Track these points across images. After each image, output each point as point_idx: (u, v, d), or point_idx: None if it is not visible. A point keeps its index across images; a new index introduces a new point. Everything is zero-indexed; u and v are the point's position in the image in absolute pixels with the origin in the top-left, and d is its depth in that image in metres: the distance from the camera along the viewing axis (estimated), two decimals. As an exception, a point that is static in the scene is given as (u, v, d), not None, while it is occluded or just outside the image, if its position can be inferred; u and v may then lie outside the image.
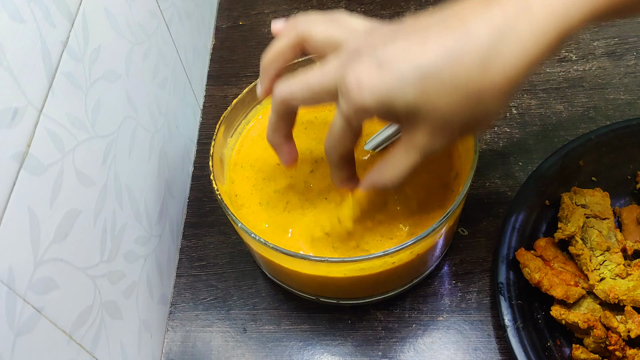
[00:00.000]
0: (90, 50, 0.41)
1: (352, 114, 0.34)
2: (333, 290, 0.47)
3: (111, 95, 0.44)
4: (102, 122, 0.42)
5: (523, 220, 0.49)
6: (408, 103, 0.32)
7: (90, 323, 0.39)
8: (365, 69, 0.32)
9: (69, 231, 0.37)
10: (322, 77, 0.36)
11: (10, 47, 0.32)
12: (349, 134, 0.36)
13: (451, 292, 0.50)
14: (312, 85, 0.36)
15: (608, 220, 0.47)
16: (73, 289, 0.37)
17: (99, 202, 0.41)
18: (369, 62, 0.32)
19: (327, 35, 0.37)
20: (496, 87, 0.31)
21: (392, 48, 0.32)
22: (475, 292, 0.50)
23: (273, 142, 0.42)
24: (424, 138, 0.33)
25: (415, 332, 0.48)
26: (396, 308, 0.50)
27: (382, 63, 0.32)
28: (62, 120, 0.37)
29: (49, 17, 0.36)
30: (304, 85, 0.37)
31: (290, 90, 0.38)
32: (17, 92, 0.32)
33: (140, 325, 0.47)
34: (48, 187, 0.35)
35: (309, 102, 0.37)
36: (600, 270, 0.44)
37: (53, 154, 0.35)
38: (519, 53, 0.30)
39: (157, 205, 0.52)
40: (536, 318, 0.45)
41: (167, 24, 0.56)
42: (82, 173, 0.39)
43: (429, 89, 0.31)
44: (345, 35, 0.36)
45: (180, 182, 0.58)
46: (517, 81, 0.31)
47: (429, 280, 0.50)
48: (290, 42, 0.38)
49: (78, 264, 0.38)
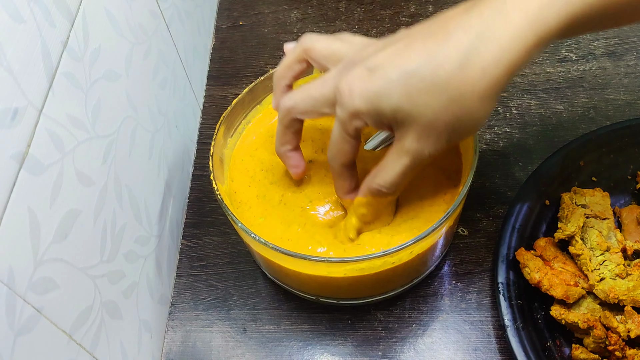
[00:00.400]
0: (91, 51, 0.41)
1: (346, 119, 0.36)
2: (333, 290, 0.47)
3: (111, 95, 0.44)
4: (102, 122, 0.42)
5: (523, 220, 0.49)
6: (394, 105, 0.34)
7: (90, 323, 0.39)
8: (357, 75, 0.35)
9: (69, 231, 0.37)
10: (322, 86, 0.38)
11: (10, 47, 0.32)
12: (347, 140, 0.38)
13: (451, 292, 0.50)
14: (313, 95, 0.39)
15: (608, 220, 0.47)
16: (73, 289, 0.37)
17: (99, 202, 0.41)
18: (361, 70, 0.35)
19: (329, 49, 0.40)
20: (476, 89, 0.32)
21: (381, 55, 0.35)
22: (475, 292, 0.50)
23: (280, 152, 0.44)
24: (412, 142, 0.35)
25: (415, 332, 0.48)
26: (396, 308, 0.50)
27: (372, 69, 0.34)
28: (62, 120, 0.37)
29: (49, 17, 0.36)
30: (305, 95, 0.40)
31: (294, 100, 0.40)
32: (17, 92, 0.32)
33: (140, 325, 0.47)
34: (48, 187, 0.35)
35: (311, 112, 0.40)
36: (600, 271, 0.44)
37: (53, 154, 0.35)
38: (497, 55, 0.31)
39: (157, 205, 0.52)
40: (536, 318, 0.45)
41: (167, 24, 0.56)
42: (82, 173, 0.39)
43: (412, 92, 0.33)
44: (345, 48, 0.39)
45: (180, 182, 0.58)
46: (498, 84, 0.32)
47: (429, 280, 0.51)
48: (296, 57, 0.42)
49: (78, 264, 0.38)
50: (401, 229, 0.44)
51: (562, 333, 0.45)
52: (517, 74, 0.43)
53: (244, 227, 0.41)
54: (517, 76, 0.63)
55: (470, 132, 0.36)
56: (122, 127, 0.45)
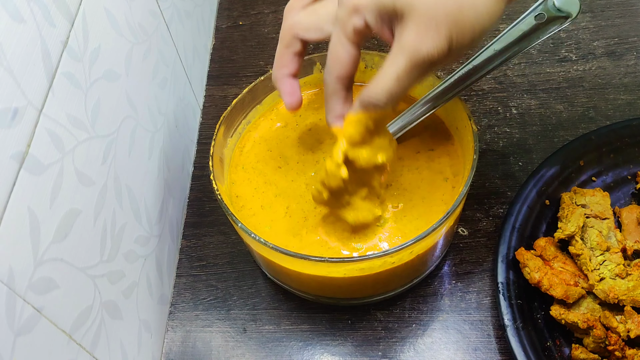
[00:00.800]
0: (90, 50, 0.41)
1: (345, 16, 0.35)
2: (333, 290, 0.47)
3: (111, 95, 0.44)
4: (102, 122, 0.42)
5: (523, 220, 0.49)
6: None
7: (90, 323, 0.39)
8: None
9: (68, 231, 0.37)
10: (326, 5, 0.38)
11: (10, 47, 0.32)
12: (344, 46, 0.36)
13: (451, 292, 0.50)
14: (318, 11, 0.39)
15: (608, 220, 0.47)
16: (73, 289, 0.37)
17: (98, 202, 0.41)
18: None
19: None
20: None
21: None
22: (475, 292, 0.50)
23: (277, 77, 0.42)
24: (411, 37, 0.33)
25: (415, 332, 0.48)
26: (396, 308, 0.50)
27: None
28: (62, 120, 0.37)
29: (49, 17, 0.36)
30: (310, 12, 0.39)
31: (298, 17, 0.40)
32: (17, 92, 0.32)
33: (140, 325, 0.47)
34: (48, 187, 0.35)
35: (314, 28, 0.39)
36: (600, 270, 0.44)
37: (53, 154, 0.35)
38: None
39: (157, 205, 0.52)
40: (536, 318, 0.45)
41: (167, 24, 0.56)
42: (82, 173, 0.39)
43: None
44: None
45: (180, 182, 0.58)
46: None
47: (428, 280, 0.51)
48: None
49: (78, 264, 0.38)
50: (404, 229, 0.44)
51: (562, 333, 0.45)
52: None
53: (244, 227, 0.41)
54: (517, 76, 0.63)
55: (474, 34, 0.33)
56: (122, 127, 0.45)
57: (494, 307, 0.49)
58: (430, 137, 0.49)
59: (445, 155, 0.48)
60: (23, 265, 0.32)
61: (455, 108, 0.47)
